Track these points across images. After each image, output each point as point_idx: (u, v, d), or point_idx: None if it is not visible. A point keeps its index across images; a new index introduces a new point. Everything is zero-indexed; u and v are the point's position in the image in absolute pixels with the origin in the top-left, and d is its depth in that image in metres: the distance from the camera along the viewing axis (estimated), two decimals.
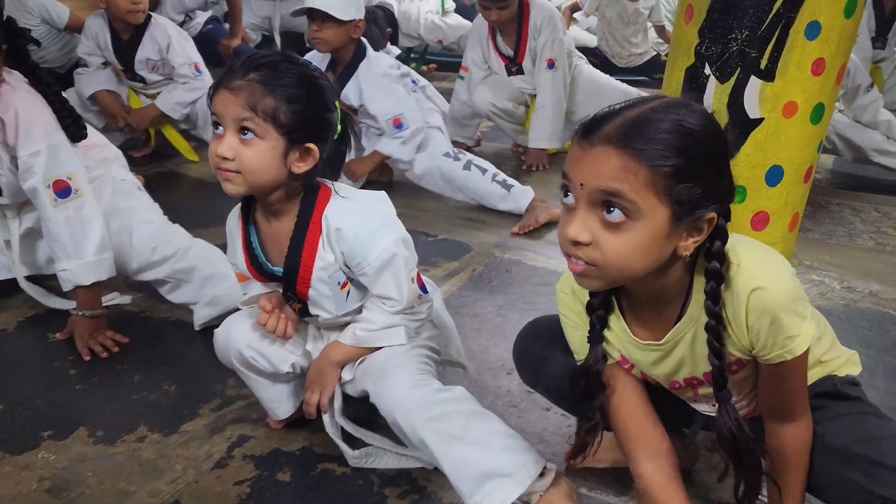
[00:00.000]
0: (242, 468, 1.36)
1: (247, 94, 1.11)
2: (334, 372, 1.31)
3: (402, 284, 1.24)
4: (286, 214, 1.23)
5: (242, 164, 1.12)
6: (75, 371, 1.65)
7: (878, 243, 2.47)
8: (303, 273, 1.24)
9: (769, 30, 1.89)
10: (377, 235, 1.21)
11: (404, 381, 1.22)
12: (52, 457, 1.38)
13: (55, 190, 1.62)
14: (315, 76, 1.17)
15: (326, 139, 1.19)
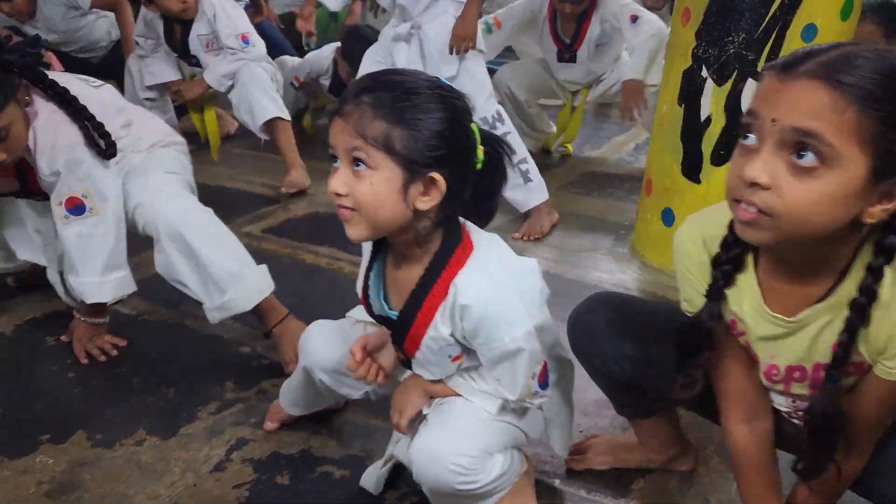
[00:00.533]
0: (241, 471, 1.36)
1: (355, 119, 0.95)
2: (421, 399, 1.17)
3: (519, 380, 1.07)
4: (416, 262, 1.06)
5: (356, 199, 0.96)
6: (73, 374, 1.65)
7: None
8: (413, 334, 1.09)
9: (766, 32, 1.90)
10: (508, 324, 1.02)
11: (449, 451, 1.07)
12: (50, 460, 1.38)
13: (67, 207, 1.58)
14: (441, 94, 0.97)
15: (459, 169, 0.99)
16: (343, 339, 1.24)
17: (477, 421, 1.10)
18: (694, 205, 2.11)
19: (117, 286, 1.67)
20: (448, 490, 1.07)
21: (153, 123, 1.89)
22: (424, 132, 0.94)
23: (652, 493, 1.32)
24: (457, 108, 0.98)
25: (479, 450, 1.08)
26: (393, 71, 1.01)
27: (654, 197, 2.23)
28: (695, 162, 2.08)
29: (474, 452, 1.07)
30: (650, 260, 2.28)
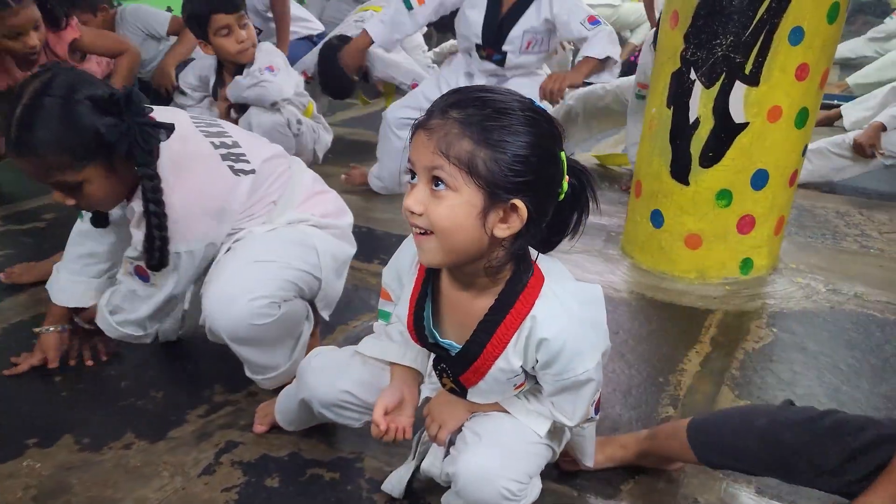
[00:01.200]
0: (230, 474, 1.36)
1: (440, 135, 0.90)
2: (466, 413, 1.13)
3: (580, 409, 1.07)
4: (482, 291, 1.02)
5: (431, 220, 0.92)
6: (60, 378, 1.64)
7: (863, 246, 2.49)
8: (479, 365, 1.05)
9: (754, 35, 1.91)
10: (582, 357, 1.01)
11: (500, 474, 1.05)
12: (37, 465, 1.37)
13: (138, 271, 1.46)
14: (532, 117, 0.92)
15: (542, 198, 0.94)
16: (341, 373, 1.22)
17: (526, 444, 1.10)
18: (682, 206, 2.13)
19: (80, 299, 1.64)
20: None
21: (322, 196, 1.64)
22: (511, 156, 0.89)
23: (641, 493, 1.33)
24: (547, 133, 0.93)
25: (527, 475, 1.08)
26: (485, 88, 0.95)
27: (643, 199, 2.24)
28: (683, 164, 2.09)
29: (523, 478, 1.07)
30: (639, 261, 2.29)
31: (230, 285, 1.38)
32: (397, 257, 1.17)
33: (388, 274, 1.20)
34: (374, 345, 1.22)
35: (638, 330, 1.92)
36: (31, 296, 2.00)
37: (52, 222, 2.54)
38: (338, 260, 1.56)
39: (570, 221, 1.00)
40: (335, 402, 1.23)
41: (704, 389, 1.65)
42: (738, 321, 1.96)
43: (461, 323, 1.06)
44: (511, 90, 0.96)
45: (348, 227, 1.64)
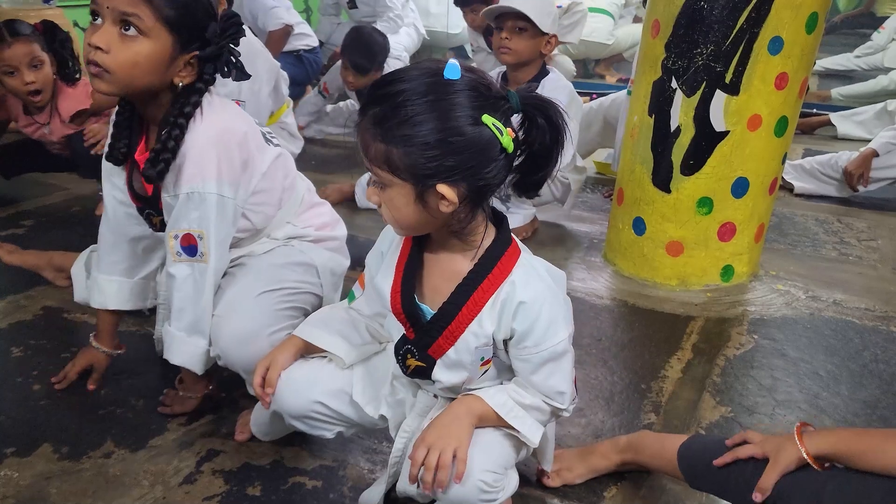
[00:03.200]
0: (212, 483, 1.35)
1: (363, 139, 0.95)
2: (471, 426, 1.06)
3: (568, 384, 1.08)
4: (459, 253, 1.05)
5: (384, 211, 0.99)
6: (39, 386, 1.62)
7: (842, 253, 2.52)
8: (453, 328, 1.05)
9: (734, 45, 1.93)
10: (558, 324, 1.03)
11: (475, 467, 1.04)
12: (15, 474, 1.35)
13: (182, 243, 1.35)
14: (433, 99, 0.91)
15: (474, 168, 0.93)
16: (311, 384, 1.20)
17: (499, 434, 1.09)
18: (664, 213, 2.14)
19: (192, 356, 1.41)
20: None
21: (319, 208, 1.62)
22: (418, 147, 0.91)
23: (624, 500, 1.33)
24: (455, 106, 0.91)
25: (502, 466, 1.07)
26: (389, 79, 0.95)
27: (625, 206, 2.26)
28: (665, 172, 2.10)
29: (499, 469, 1.06)
30: (622, 268, 2.30)
31: (246, 321, 1.35)
32: (381, 239, 1.18)
33: (372, 256, 1.20)
34: (312, 332, 1.22)
35: (620, 337, 1.93)
36: (10, 303, 1.98)
37: (31, 230, 2.52)
38: (335, 274, 1.57)
39: (545, 160, 0.99)
40: (305, 414, 1.21)
41: (686, 396, 1.66)
42: (720, 328, 1.98)
43: (438, 289, 1.07)
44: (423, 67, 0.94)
45: (343, 239, 1.65)
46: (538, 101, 0.97)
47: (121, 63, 1.22)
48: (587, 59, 5.74)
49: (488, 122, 0.92)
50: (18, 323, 1.87)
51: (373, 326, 1.24)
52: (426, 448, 1.03)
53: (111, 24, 1.21)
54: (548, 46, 2.37)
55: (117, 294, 1.54)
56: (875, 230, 2.76)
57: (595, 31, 5.34)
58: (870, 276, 2.34)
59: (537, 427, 1.09)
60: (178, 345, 1.40)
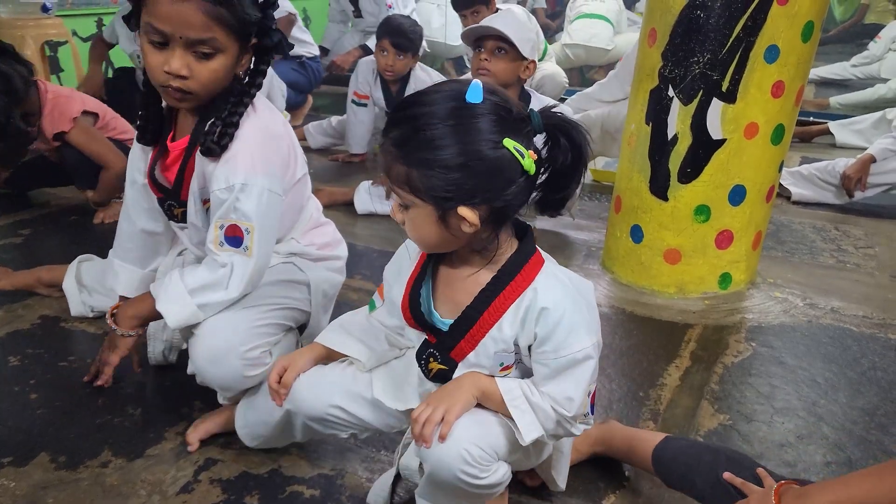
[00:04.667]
0: (209, 492, 1.34)
1: (385, 160, 0.97)
2: (472, 397, 1.07)
3: (580, 393, 1.06)
4: (480, 266, 1.06)
5: (407, 228, 1.02)
6: (36, 395, 1.61)
7: (839, 261, 2.53)
8: (475, 332, 1.06)
9: (730, 53, 1.94)
10: (581, 331, 1.03)
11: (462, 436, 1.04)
12: (11, 484, 1.35)
13: (227, 234, 1.32)
14: (455, 123, 0.92)
15: (495, 190, 0.95)
16: (330, 388, 1.22)
17: (497, 418, 1.09)
18: (662, 221, 2.15)
19: (179, 311, 1.33)
20: (449, 476, 1.04)
21: (324, 227, 1.63)
22: (439, 170, 0.92)
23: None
24: (476, 130, 0.92)
25: (492, 448, 1.06)
26: (411, 101, 0.96)
27: (623, 214, 2.26)
28: (662, 180, 2.11)
29: (488, 449, 1.06)
30: (619, 276, 2.31)
31: (219, 339, 1.34)
32: (400, 252, 1.19)
33: (390, 269, 1.21)
34: (332, 337, 1.24)
35: (618, 344, 1.93)
36: (7, 311, 1.97)
37: (29, 238, 2.52)
38: (327, 296, 1.57)
39: (567, 181, 1.01)
40: (322, 417, 1.22)
41: (685, 403, 1.66)
42: (718, 335, 1.98)
43: (457, 301, 1.08)
44: (446, 88, 0.96)
45: (344, 259, 1.65)
46: (560, 120, 0.98)
47: (204, 83, 1.27)
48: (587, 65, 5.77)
49: (509, 145, 0.94)
50: (16, 332, 1.87)
51: (393, 337, 1.23)
52: (424, 405, 1.06)
53: (184, 50, 1.23)
54: (526, 72, 2.38)
55: (128, 281, 1.56)
56: (872, 237, 2.76)
57: (595, 37, 5.37)
58: (867, 283, 2.35)
59: (535, 426, 1.07)
60: (173, 296, 1.33)
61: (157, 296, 1.34)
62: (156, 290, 1.36)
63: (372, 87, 3.37)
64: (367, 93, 3.38)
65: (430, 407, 1.05)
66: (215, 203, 1.33)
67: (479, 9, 3.70)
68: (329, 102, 4.95)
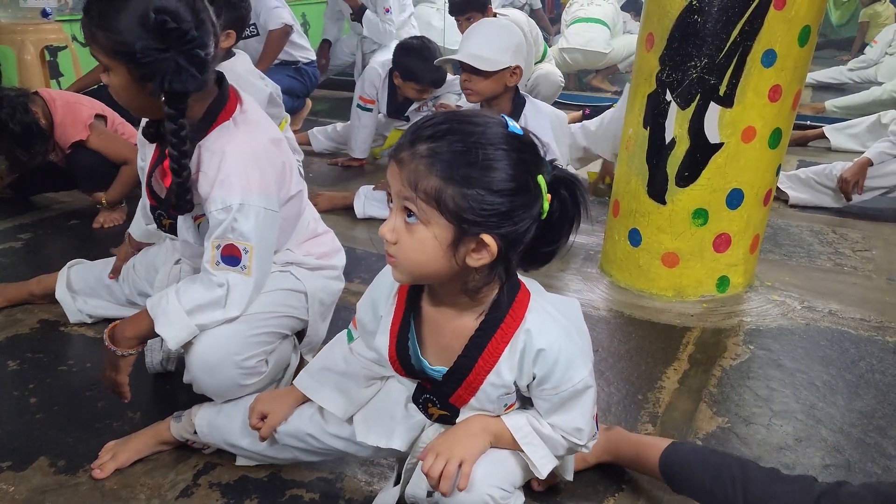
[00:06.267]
0: (209, 496, 1.34)
1: (410, 169, 0.90)
2: (486, 443, 1.07)
3: (587, 421, 1.08)
4: (466, 310, 1.03)
5: (401, 250, 0.94)
6: (35, 399, 1.61)
7: (837, 264, 2.53)
8: (471, 380, 1.04)
9: (727, 57, 1.95)
10: (578, 363, 1.02)
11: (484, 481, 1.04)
12: (10, 488, 1.35)
13: (223, 253, 1.32)
14: (506, 150, 0.90)
15: (516, 225, 0.92)
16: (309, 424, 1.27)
17: (510, 453, 1.09)
18: (660, 225, 2.15)
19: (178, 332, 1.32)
20: None
21: (322, 237, 1.62)
22: (480, 192, 0.89)
23: None
24: (520, 162, 0.91)
25: (511, 484, 1.08)
26: (457, 116, 0.93)
27: (621, 218, 2.27)
28: (660, 183, 2.11)
29: (507, 486, 1.07)
30: (618, 279, 2.31)
31: (215, 349, 1.34)
32: (373, 289, 1.16)
33: (363, 307, 1.18)
34: (311, 385, 1.25)
35: (617, 348, 1.93)
36: (7, 316, 1.97)
37: (29, 243, 2.52)
38: (325, 304, 1.57)
39: (560, 233, 0.98)
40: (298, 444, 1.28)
41: (683, 406, 1.66)
42: (716, 338, 1.98)
43: (446, 346, 1.05)
44: (489, 115, 0.94)
45: (342, 268, 1.65)
46: (566, 174, 0.97)
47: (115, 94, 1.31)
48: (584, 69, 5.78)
49: (542, 182, 0.93)
50: (15, 336, 1.87)
51: (371, 370, 1.23)
52: (434, 455, 1.03)
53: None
54: (513, 78, 2.35)
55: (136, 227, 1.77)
56: (870, 240, 2.77)
57: (592, 41, 5.39)
58: (865, 286, 2.35)
59: (549, 459, 1.09)
60: (172, 317, 1.32)
61: (156, 317, 1.32)
62: (154, 311, 1.33)
63: (379, 91, 3.38)
64: (373, 97, 3.38)
65: (443, 458, 1.02)
66: (213, 223, 1.33)
67: (473, 15, 3.71)
68: (328, 107, 4.96)
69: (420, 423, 1.17)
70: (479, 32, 2.35)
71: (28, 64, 3.81)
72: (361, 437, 1.19)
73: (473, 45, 2.30)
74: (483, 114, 0.95)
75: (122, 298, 1.83)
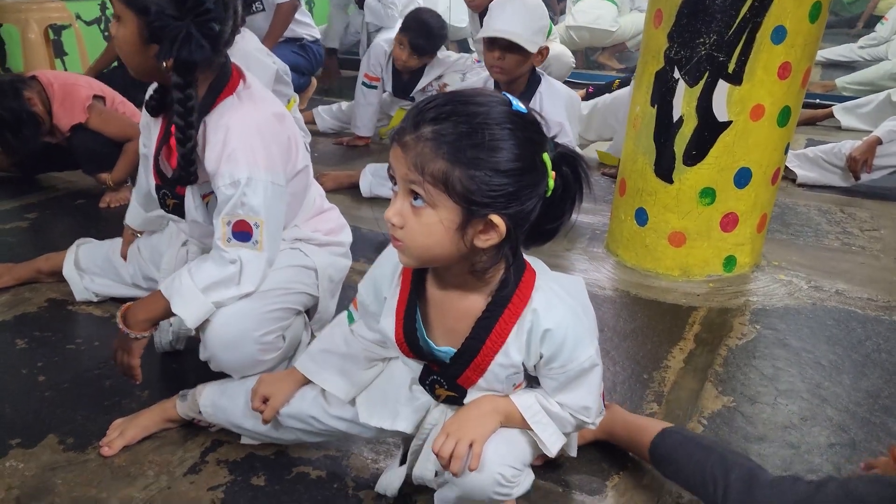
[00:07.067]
0: (216, 473, 1.35)
1: (415, 152, 0.88)
2: (497, 423, 1.07)
3: (594, 399, 1.09)
4: (473, 291, 1.02)
5: (408, 233, 0.92)
6: (44, 378, 1.63)
7: (844, 243, 2.52)
8: (479, 361, 1.04)
9: (736, 34, 1.92)
10: (585, 342, 1.03)
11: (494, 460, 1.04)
12: (20, 465, 1.36)
13: (234, 229, 1.33)
14: (511, 129, 0.89)
15: (523, 204, 0.91)
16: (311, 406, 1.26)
17: (519, 432, 1.10)
18: (666, 204, 2.14)
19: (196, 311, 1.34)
20: (482, 497, 1.05)
21: (328, 213, 1.63)
22: (488, 173, 0.87)
23: (626, 489, 1.34)
24: (527, 141, 0.90)
25: (521, 462, 1.08)
26: (460, 96, 0.91)
27: (627, 197, 2.26)
28: (667, 162, 2.10)
29: (518, 464, 1.07)
30: (624, 259, 2.30)
31: (233, 326, 1.35)
32: (375, 270, 1.15)
33: (365, 289, 1.18)
34: (312, 368, 1.25)
35: (622, 327, 1.93)
36: (14, 295, 1.98)
37: (35, 222, 2.53)
38: (334, 280, 1.58)
39: (563, 210, 0.98)
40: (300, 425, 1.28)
41: (688, 386, 1.66)
42: (722, 318, 1.98)
43: (453, 328, 1.05)
44: (491, 93, 0.93)
45: (348, 245, 1.65)
46: (568, 150, 0.97)
47: (119, 48, 1.31)
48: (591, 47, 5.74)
49: (546, 160, 0.92)
50: (23, 315, 1.88)
51: (372, 351, 1.23)
52: (445, 435, 1.04)
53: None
54: (538, 58, 2.37)
55: (132, 215, 1.77)
56: (878, 220, 2.75)
57: (600, 18, 5.35)
58: (873, 265, 2.34)
59: (558, 437, 1.10)
60: (187, 296, 1.33)
61: (171, 298, 1.33)
62: (168, 291, 1.34)
63: (384, 69, 3.36)
64: (378, 75, 3.36)
65: (453, 438, 1.03)
66: (221, 199, 1.33)
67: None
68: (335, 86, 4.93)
69: (425, 405, 1.17)
70: (512, 10, 2.31)
71: (32, 43, 3.80)
72: (364, 418, 1.19)
73: (507, 22, 2.28)
74: (485, 92, 0.93)
75: (128, 280, 1.83)
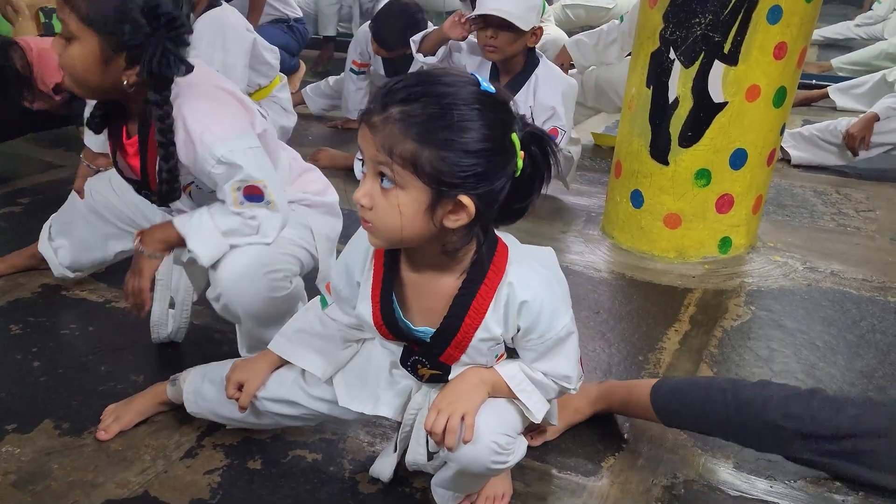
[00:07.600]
0: (213, 457, 1.36)
1: (383, 133, 0.88)
2: (485, 394, 1.07)
3: (573, 366, 1.10)
4: (445, 269, 1.02)
5: (378, 215, 0.92)
6: (39, 363, 1.62)
7: (840, 224, 2.52)
8: (460, 338, 1.04)
9: (732, 14, 1.91)
10: (560, 311, 1.04)
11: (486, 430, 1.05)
12: (16, 450, 1.36)
13: (245, 193, 1.35)
14: (480, 109, 0.89)
15: (492, 184, 0.91)
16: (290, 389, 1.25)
17: (507, 400, 1.11)
18: (662, 186, 2.14)
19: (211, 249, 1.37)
20: (480, 469, 1.06)
21: (309, 174, 1.65)
22: (457, 153, 0.87)
23: (621, 469, 1.34)
24: (496, 122, 0.90)
25: (513, 429, 1.09)
26: (428, 77, 0.92)
27: (623, 179, 2.25)
28: (663, 144, 2.09)
29: (511, 432, 1.08)
30: (619, 241, 2.30)
31: (244, 259, 1.38)
32: (346, 255, 1.14)
33: (337, 274, 1.16)
34: (289, 349, 1.24)
35: (618, 309, 1.93)
36: (8, 280, 1.98)
37: (29, 206, 2.51)
38: (330, 239, 1.60)
39: (532, 189, 0.98)
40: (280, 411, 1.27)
41: (684, 367, 1.67)
42: (717, 299, 1.98)
43: (429, 307, 1.05)
44: (460, 73, 0.93)
45: (335, 203, 1.66)
46: (536, 130, 0.96)
47: (66, 68, 1.29)
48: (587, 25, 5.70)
49: (515, 140, 0.92)
50: (16, 300, 1.88)
51: (347, 333, 1.22)
52: (436, 412, 1.04)
53: None
54: (533, 38, 2.35)
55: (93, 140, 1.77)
56: (873, 201, 2.76)
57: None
58: (868, 246, 2.34)
59: (543, 404, 1.11)
60: (206, 235, 1.36)
61: (187, 234, 1.35)
62: (183, 228, 1.36)
63: (371, 56, 3.33)
64: (365, 61, 3.33)
65: (445, 413, 1.03)
66: (219, 179, 1.34)
67: None
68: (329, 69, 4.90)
69: (406, 389, 1.17)
70: None
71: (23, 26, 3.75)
72: (344, 402, 1.19)
73: (502, 5, 2.26)
74: (454, 72, 0.93)
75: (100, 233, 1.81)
